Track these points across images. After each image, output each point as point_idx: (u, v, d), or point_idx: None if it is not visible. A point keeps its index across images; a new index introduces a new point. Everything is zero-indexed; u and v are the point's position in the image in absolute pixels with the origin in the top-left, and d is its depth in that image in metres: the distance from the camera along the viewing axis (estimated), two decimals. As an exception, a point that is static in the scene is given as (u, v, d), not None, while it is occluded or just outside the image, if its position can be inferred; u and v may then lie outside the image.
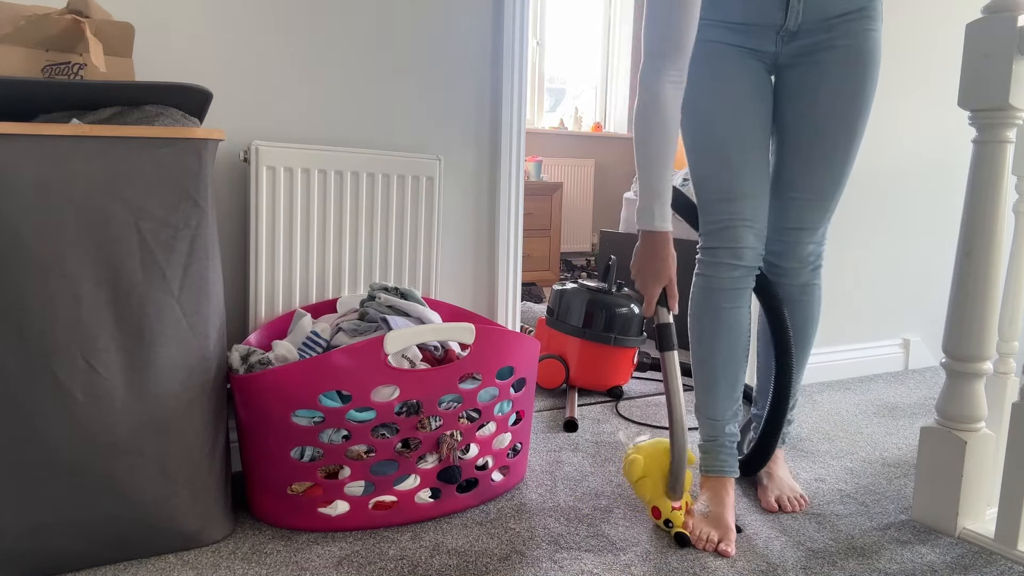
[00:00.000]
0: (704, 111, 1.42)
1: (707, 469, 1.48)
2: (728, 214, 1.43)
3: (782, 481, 1.55)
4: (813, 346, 1.62)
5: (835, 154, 1.43)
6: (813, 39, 1.39)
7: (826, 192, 1.46)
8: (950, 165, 2.68)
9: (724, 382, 1.48)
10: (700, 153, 1.46)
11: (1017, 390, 1.39)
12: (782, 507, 1.48)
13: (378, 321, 1.46)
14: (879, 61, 1.40)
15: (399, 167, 1.73)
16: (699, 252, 1.49)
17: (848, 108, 1.40)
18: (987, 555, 1.34)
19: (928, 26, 2.56)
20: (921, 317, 2.76)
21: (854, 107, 1.40)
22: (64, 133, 1.10)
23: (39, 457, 1.12)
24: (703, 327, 1.49)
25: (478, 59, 1.89)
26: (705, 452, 1.50)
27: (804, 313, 1.56)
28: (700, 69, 1.40)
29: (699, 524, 1.38)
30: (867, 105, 1.41)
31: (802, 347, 1.59)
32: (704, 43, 1.40)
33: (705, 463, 1.49)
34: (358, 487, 1.34)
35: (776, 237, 1.51)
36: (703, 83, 1.41)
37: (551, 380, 2.22)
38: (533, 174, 4.74)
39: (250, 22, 1.60)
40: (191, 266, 1.21)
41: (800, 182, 1.46)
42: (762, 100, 1.44)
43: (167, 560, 1.24)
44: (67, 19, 1.21)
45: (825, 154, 1.43)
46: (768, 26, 1.39)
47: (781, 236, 1.50)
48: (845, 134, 1.41)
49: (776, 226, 1.50)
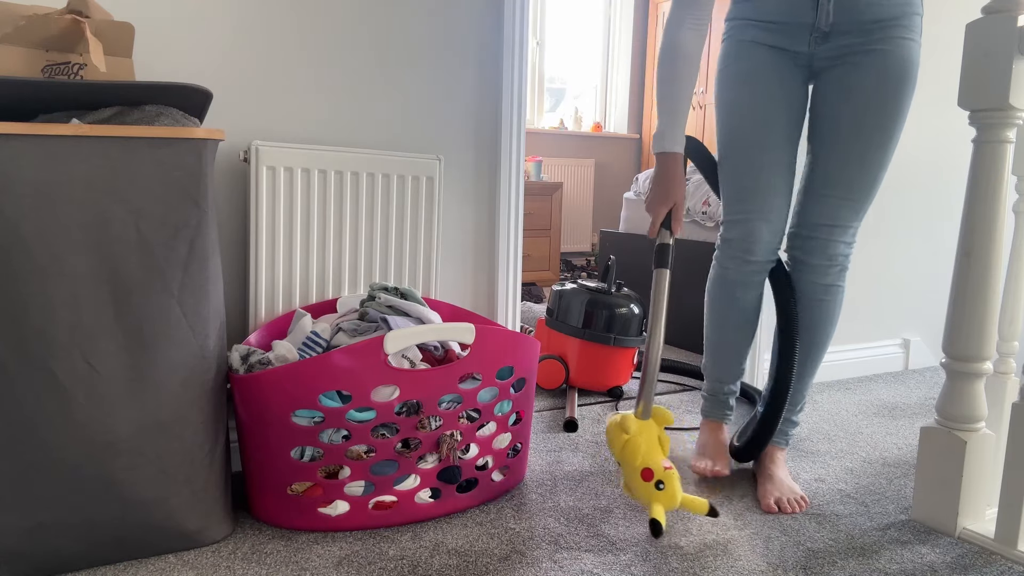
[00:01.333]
0: (733, 108, 1.50)
1: (706, 414, 1.73)
2: (745, 209, 1.50)
3: (782, 483, 1.55)
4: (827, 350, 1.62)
5: (868, 153, 1.45)
6: (848, 41, 1.43)
7: (859, 191, 1.48)
8: (950, 165, 2.68)
9: (731, 351, 1.67)
10: (726, 148, 1.53)
11: (1017, 390, 1.39)
12: (781, 509, 1.49)
13: (378, 321, 1.46)
14: (916, 73, 1.43)
15: (399, 167, 1.73)
16: (718, 240, 1.61)
17: (884, 109, 1.43)
18: (987, 555, 1.34)
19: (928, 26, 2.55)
20: (921, 317, 2.76)
21: (890, 109, 1.43)
22: (64, 133, 1.10)
23: (39, 457, 1.12)
24: (715, 310, 1.66)
25: (478, 59, 1.90)
26: (706, 401, 1.73)
27: (824, 313, 1.57)
28: (732, 67, 1.50)
29: (697, 457, 1.67)
30: (902, 109, 1.44)
31: (815, 348, 1.60)
32: (738, 42, 1.49)
33: (705, 409, 1.74)
34: (358, 487, 1.34)
35: (808, 234, 1.53)
36: (734, 81, 1.50)
37: (551, 380, 2.22)
38: (533, 174, 4.74)
39: (250, 22, 1.60)
40: (191, 266, 1.21)
41: (834, 180, 1.48)
42: (791, 99, 1.49)
43: (167, 560, 1.24)
44: (67, 19, 1.21)
45: (860, 153, 1.45)
46: (800, 25, 1.44)
47: (813, 233, 1.52)
48: (880, 134, 1.44)
49: (809, 222, 1.52)
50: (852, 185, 1.47)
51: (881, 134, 1.44)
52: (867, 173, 1.47)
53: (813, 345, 1.59)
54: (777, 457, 1.61)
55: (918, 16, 1.43)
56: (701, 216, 2.95)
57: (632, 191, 3.47)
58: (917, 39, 1.43)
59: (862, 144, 1.45)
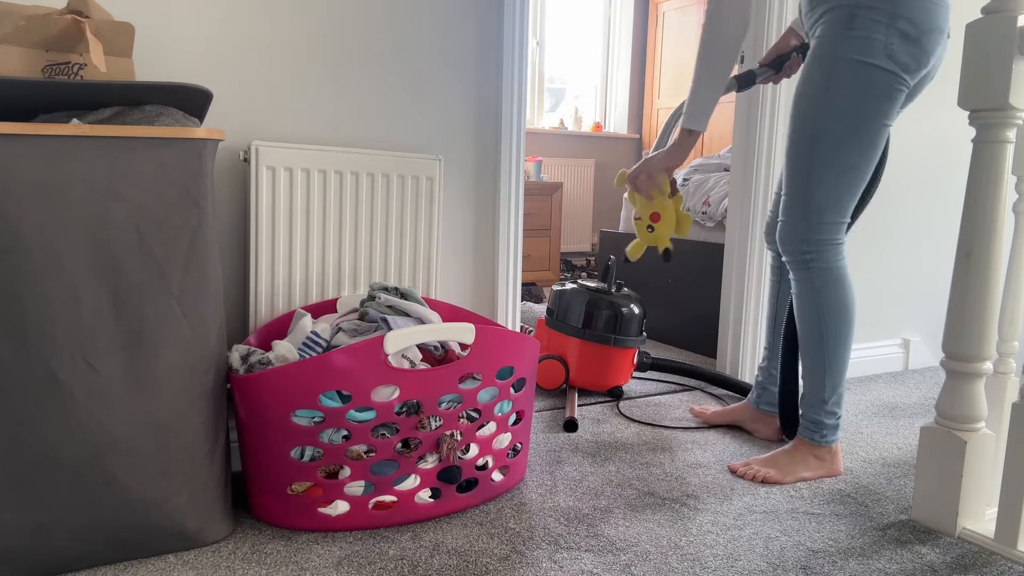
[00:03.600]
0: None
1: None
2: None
3: (768, 459, 1.66)
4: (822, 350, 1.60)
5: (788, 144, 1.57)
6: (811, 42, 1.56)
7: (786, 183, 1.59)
8: (950, 165, 2.68)
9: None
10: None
11: (1017, 390, 1.39)
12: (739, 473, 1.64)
13: (378, 321, 1.46)
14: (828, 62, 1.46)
15: (399, 167, 1.73)
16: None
17: (795, 101, 1.55)
18: (987, 555, 1.34)
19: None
20: (921, 317, 2.76)
21: (795, 100, 1.54)
22: (64, 133, 1.10)
23: (39, 457, 1.12)
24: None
25: (478, 59, 1.90)
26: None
27: (796, 308, 1.65)
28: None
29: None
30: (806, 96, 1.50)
31: (801, 343, 1.64)
32: None
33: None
34: (358, 487, 1.34)
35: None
36: None
37: (551, 380, 2.22)
38: (533, 174, 4.74)
39: (250, 22, 1.60)
40: (191, 266, 1.21)
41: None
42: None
43: (167, 560, 1.24)
44: (67, 19, 1.21)
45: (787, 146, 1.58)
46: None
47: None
48: (791, 127, 1.55)
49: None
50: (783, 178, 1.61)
51: (792, 126, 1.54)
52: (786, 165, 1.57)
53: (799, 340, 1.65)
54: (795, 442, 1.68)
55: (843, 8, 1.43)
56: (701, 216, 2.95)
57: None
58: (839, 31, 1.43)
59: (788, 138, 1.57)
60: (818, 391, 1.63)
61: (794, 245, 1.57)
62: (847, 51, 1.42)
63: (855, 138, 1.47)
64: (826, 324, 1.58)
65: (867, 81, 1.43)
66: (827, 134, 1.47)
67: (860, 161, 1.50)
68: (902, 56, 1.43)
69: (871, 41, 1.41)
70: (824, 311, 1.58)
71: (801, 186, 1.53)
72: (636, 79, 5.43)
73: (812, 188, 1.51)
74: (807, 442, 1.66)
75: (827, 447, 1.65)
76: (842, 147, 1.48)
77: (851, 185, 1.51)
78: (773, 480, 1.61)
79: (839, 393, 1.63)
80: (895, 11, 1.40)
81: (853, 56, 1.42)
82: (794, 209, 1.55)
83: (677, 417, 2.07)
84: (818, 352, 1.61)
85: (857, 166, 1.50)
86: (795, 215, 1.55)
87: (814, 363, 1.62)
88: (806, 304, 1.59)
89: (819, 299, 1.57)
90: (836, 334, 1.59)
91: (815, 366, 1.62)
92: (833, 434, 1.65)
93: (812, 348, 1.61)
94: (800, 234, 1.56)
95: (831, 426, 1.64)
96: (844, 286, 1.57)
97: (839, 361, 1.61)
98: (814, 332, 1.60)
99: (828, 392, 1.62)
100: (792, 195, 1.55)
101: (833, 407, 1.63)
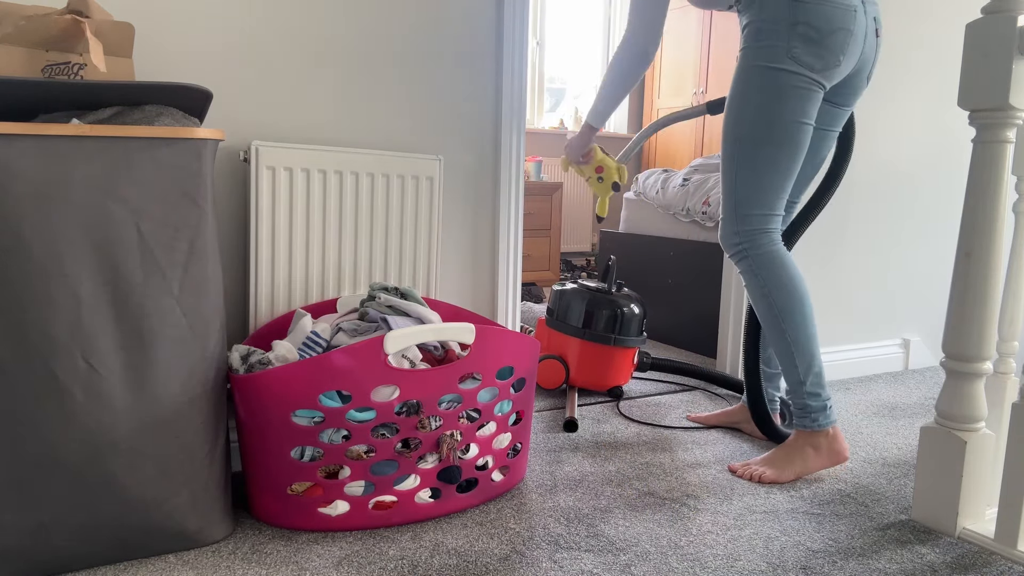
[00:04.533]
0: None
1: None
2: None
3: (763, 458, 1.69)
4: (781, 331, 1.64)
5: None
6: None
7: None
8: (950, 165, 2.68)
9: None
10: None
11: (1017, 390, 1.39)
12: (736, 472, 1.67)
13: (378, 321, 1.46)
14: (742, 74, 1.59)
15: (399, 167, 1.73)
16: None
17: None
18: (987, 555, 1.34)
19: (927, 26, 2.56)
20: (921, 317, 2.76)
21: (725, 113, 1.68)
22: (64, 133, 1.10)
23: (39, 457, 1.12)
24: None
25: (478, 59, 1.90)
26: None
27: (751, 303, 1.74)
28: None
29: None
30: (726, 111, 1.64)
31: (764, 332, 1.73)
32: None
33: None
34: (358, 487, 1.34)
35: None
36: None
37: (551, 380, 2.22)
38: (533, 174, 4.74)
39: (250, 22, 1.60)
40: (191, 266, 1.21)
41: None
42: None
43: (167, 560, 1.24)
44: (67, 19, 1.21)
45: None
46: None
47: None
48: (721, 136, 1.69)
49: None
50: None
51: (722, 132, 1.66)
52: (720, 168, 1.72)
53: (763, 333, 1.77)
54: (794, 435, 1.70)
55: (753, 24, 1.57)
56: (701, 216, 2.95)
57: (632, 191, 3.47)
58: (749, 44, 1.58)
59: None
60: (793, 374, 1.65)
61: (728, 239, 1.67)
62: (756, 60, 1.56)
63: (770, 136, 1.57)
64: (776, 304, 1.63)
65: (773, 83, 1.55)
66: (746, 135, 1.59)
67: (779, 157, 1.59)
68: (806, 57, 1.53)
69: (774, 48, 1.54)
70: (770, 291, 1.63)
71: (728, 184, 1.64)
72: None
73: (736, 185, 1.63)
74: (803, 431, 1.66)
75: (823, 432, 1.64)
76: (760, 146, 1.58)
77: (772, 180, 1.61)
78: (770, 479, 1.62)
79: (815, 372, 1.64)
80: (795, 19, 1.52)
81: (760, 63, 1.55)
82: (725, 206, 1.67)
83: (677, 417, 2.07)
84: (779, 334, 1.64)
85: (776, 162, 1.59)
86: (726, 212, 1.67)
87: (780, 348, 1.65)
88: (754, 291, 1.66)
89: (762, 282, 1.64)
90: (789, 310, 1.62)
91: (783, 351, 1.65)
92: (824, 416, 1.64)
93: (773, 332, 1.65)
94: (731, 227, 1.66)
95: (819, 408, 1.64)
96: (783, 264, 1.63)
97: (803, 337, 1.63)
98: (769, 315, 1.65)
99: (803, 372, 1.63)
100: (723, 193, 1.67)
101: (813, 387, 1.64)
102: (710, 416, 2.02)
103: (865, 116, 2.46)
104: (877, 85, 2.47)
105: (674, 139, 5.16)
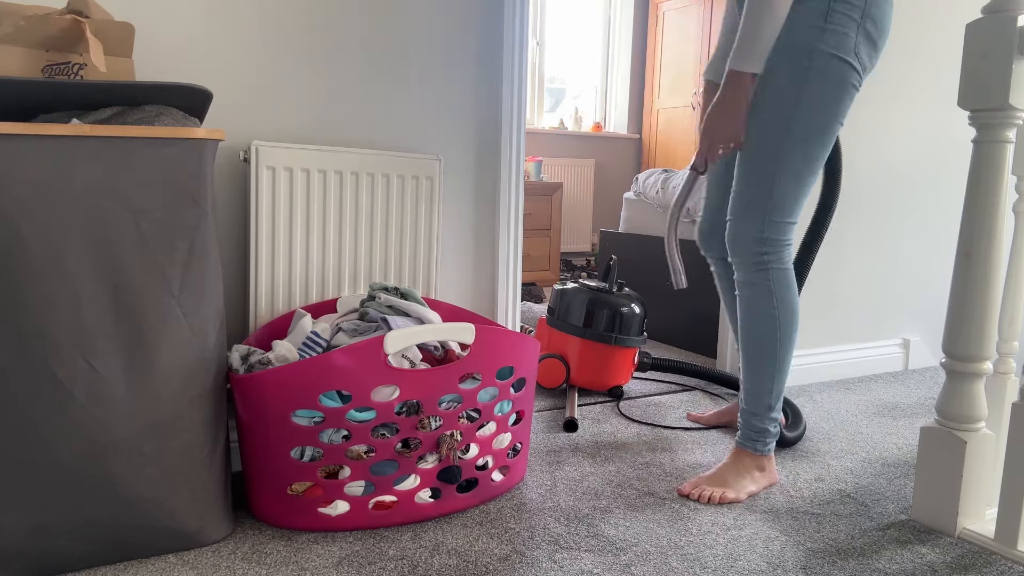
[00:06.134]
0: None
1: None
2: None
3: (714, 477, 1.57)
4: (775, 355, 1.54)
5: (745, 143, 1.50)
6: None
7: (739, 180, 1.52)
8: (950, 165, 2.68)
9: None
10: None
11: (1017, 390, 1.39)
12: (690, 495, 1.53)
13: (378, 321, 1.46)
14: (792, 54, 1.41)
15: (399, 167, 1.73)
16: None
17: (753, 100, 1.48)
18: (987, 555, 1.34)
19: (928, 26, 2.55)
20: (921, 317, 2.76)
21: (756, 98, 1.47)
22: (64, 133, 1.10)
23: (39, 457, 1.12)
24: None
25: (478, 59, 1.89)
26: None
27: (742, 310, 1.57)
28: None
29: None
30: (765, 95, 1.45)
31: (745, 347, 1.57)
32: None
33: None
34: (358, 487, 1.34)
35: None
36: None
37: (551, 380, 2.22)
38: (533, 174, 4.74)
39: (250, 22, 1.60)
40: (191, 266, 1.21)
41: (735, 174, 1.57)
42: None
43: (167, 560, 1.24)
44: (67, 19, 1.21)
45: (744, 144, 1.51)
46: None
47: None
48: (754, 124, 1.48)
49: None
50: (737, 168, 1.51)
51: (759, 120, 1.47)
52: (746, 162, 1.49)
53: (743, 343, 1.57)
54: (734, 455, 1.60)
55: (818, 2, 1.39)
56: (701, 216, 2.95)
57: (632, 191, 3.47)
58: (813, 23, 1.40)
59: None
60: (764, 398, 1.56)
61: (750, 246, 1.50)
62: (823, 44, 1.38)
63: (822, 133, 1.44)
64: (781, 327, 1.52)
65: (840, 76, 1.41)
66: (799, 128, 1.42)
67: (822, 157, 1.47)
68: (864, 57, 1.42)
69: (845, 37, 1.39)
70: (780, 313, 1.51)
71: (767, 183, 1.46)
72: (636, 79, 5.43)
73: (776, 186, 1.45)
74: (750, 453, 1.58)
75: (768, 456, 1.60)
76: (811, 142, 1.44)
77: (809, 182, 1.48)
78: (731, 500, 1.52)
79: (781, 398, 1.58)
80: (866, 10, 1.38)
81: (829, 50, 1.38)
82: (754, 208, 1.48)
83: (677, 417, 2.07)
84: (770, 358, 1.54)
85: (818, 162, 1.47)
86: (754, 214, 1.48)
87: (763, 370, 1.55)
88: (762, 308, 1.52)
89: (776, 301, 1.51)
90: (789, 337, 1.53)
91: (763, 373, 1.55)
92: (773, 442, 1.60)
93: (762, 354, 1.54)
94: (756, 234, 1.48)
95: (773, 434, 1.59)
96: (794, 288, 1.53)
97: (787, 364, 1.56)
98: (769, 337, 1.52)
99: (775, 398, 1.56)
100: (753, 194, 1.48)
101: (776, 413, 1.58)
102: (709, 417, 2.01)
103: (865, 116, 2.46)
104: (878, 85, 2.47)
105: (674, 139, 5.16)
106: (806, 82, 1.40)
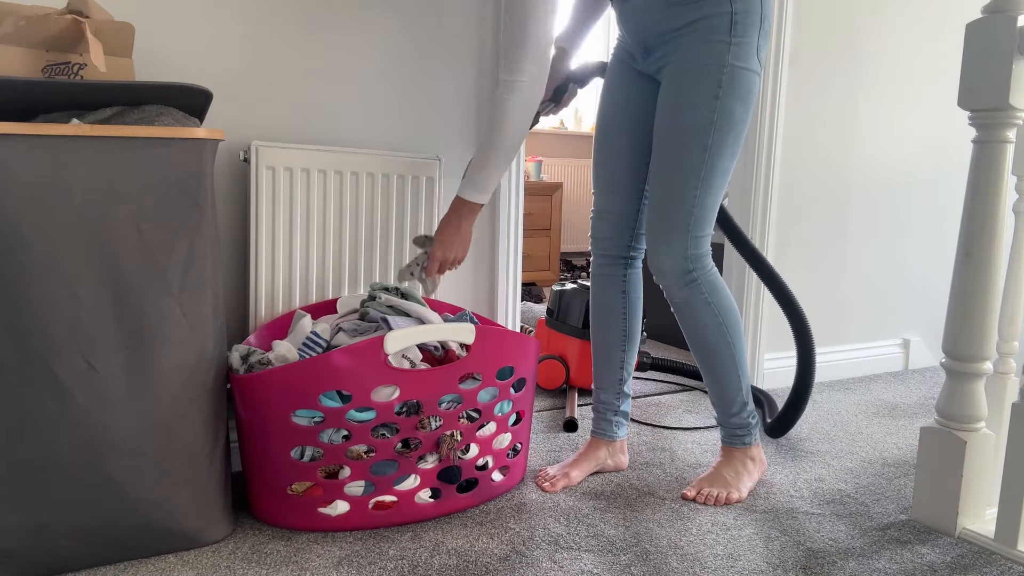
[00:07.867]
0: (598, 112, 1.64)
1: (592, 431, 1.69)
2: (595, 206, 1.63)
3: (716, 478, 1.56)
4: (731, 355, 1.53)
5: (660, 164, 1.45)
6: (659, 54, 1.46)
7: (658, 202, 1.46)
8: (950, 165, 2.68)
9: (598, 356, 1.68)
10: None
11: (1017, 390, 1.39)
12: (696, 499, 1.53)
13: (378, 321, 1.46)
14: (712, 72, 1.37)
15: (399, 167, 1.73)
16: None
17: (667, 119, 1.43)
18: (987, 555, 1.34)
19: (928, 26, 2.55)
20: (921, 317, 2.76)
21: (672, 118, 1.42)
22: (64, 133, 1.10)
23: (39, 457, 1.12)
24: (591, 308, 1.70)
25: (478, 59, 1.89)
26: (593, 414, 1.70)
27: (684, 325, 1.55)
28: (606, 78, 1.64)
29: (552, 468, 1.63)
30: (683, 116, 1.41)
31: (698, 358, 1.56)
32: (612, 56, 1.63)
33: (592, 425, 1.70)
34: (358, 487, 1.34)
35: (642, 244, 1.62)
36: (603, 90, 1.64)
37: (551, 380, 2.22)
38: (533, 174, 4.74)
39: (250, 22, 1.60)
40: (191, 266, 1.21)
41: (651, 187, 1.50)
42: (633, 104, 1.55)
43: (167, 560, 1.24)
44: (67, 19, 1.21)
45: (657, 164, 1.47)
46: (633, 40, 1.52)
47: (643, 243, 1.60)
48: (666, 143, 1.44)
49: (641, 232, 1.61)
50: (654, 196, 1.47)
51: (666, 143, 1.43)
52: (659, 184, 1.45)
53: (698, 357, 1.56)
54: (724, 455, 1.61)
55: (723, 16, 1.36)
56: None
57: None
58: (721, 38, 1.37)
59: (658, 156, 1.46)
60: (735, 396, 1.56)
61: (679, 266, 1.46)
62: (733, 59, 1.37)
63: (736, 145, 1.43)
64: (729, 331, 1.51)
65: (747, 89, 1.40)
66: (716, 145, 1.40)
67: (733, 166, 1.46)
68: (762, 56, 1.41)
69: (750, 46, 1.38)
70: (723, 317, 1.50)
71: (683, 201, 1.42)
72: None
73: (696, 202, 1.43)
74: (739, 447, 1.59)
75: (756, 445, 1.62)
76: (726, 159, 1.42)
77: (720, 197, 1.47)
78: (736, 500, 1.52)
79: (749, 389, 1.59)
80: (763, 12, 1.37)
81: (739, 64, 1.37)
82: (676, 228, 1.44)
83: (677, 417, 2.07)
84: (729, 361, 1.53)
85: (731, 172, 1.46)
86: (678, 236, 1.44)
87: (727, 373, 1.55)
88: (706, 319, 1.50)
89: (715, 309, 1.50)
90: (737, 333, 1.53)
91: (726, 375, 1.55)
92: (756, 429, 1.61)
93: (720, 359, 1.54)
94: (681, 251, 1.45)
95: (754, 423, 1.60)
96: (725, 287, 1.52)
97: (744, 357, 1.56)
98: (721, 343, 1.52)
99: (745, 392, 1.57)
100: (674, 211, 1.43)
101: (751, 405, 1.59)
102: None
103: (865, 116, 2.46)
104: (878, 85, 2.47)
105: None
106: (719, 99, 1.38)
